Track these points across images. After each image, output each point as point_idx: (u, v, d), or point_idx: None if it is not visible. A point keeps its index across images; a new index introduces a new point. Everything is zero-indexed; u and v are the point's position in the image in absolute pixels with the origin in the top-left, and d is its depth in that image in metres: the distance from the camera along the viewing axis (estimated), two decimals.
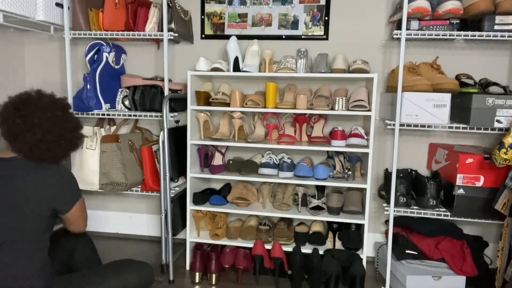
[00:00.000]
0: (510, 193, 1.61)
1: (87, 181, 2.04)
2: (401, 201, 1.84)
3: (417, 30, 1.80)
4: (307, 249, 1.91)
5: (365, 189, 1.91)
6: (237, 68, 1.97)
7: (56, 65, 2.43)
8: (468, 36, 1.73)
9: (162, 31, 1.98)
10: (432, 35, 1.74)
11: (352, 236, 1.93)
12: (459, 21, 1.79)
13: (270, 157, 2.01)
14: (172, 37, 1.98)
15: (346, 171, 1.95)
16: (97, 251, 1.59)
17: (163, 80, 2.05)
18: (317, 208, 1.98)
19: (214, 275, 1.92)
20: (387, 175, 1.95)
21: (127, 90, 2.14)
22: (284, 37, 2.18)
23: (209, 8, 2.23)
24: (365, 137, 1.88)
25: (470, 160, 1.75)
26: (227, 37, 2.08)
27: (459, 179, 1.76)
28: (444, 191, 1.88)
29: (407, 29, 1.74)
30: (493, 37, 1.71)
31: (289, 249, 1.91)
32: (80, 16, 2.01)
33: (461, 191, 1.77)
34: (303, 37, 2.16)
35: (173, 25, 1.98)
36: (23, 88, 2.44)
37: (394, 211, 1.83)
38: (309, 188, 2.17)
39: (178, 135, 2.04)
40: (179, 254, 2.22)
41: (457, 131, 2.03)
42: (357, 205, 1.93)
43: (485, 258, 1.93)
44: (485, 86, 1.80)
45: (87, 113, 2.06)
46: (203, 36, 2.25)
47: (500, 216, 1.68)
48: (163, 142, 1.89)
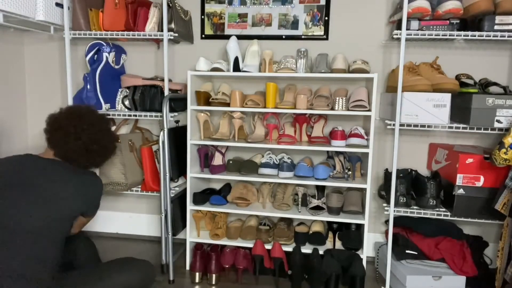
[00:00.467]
0: (510, 193, 1.61)
1: None
2: (401, 201, 1.84)
3: (417, 30, 1.80)
4: (307, 249, 1.91)
5: (365, 189, 1.91)
6: (237, 68, 1.97)
7: (56, 65, 2.43)
8: (468, 36, 1.73)
9: (162, 31, 1.98)
10: (432, 35, 1.74)
11: (352, 236, 1.93)
12: (459, 21, 1.79)
13: (270, 157, 2.01)
14: (172, 37, 1.98)
15: (346, 171, 1.95)
16: (98, 252, 1.60)
17: (163, 80, 2.05)
18: (317, 208, 1.98)
19: (214, 275, 1.92)
20: (387, 175, 1.95)
21: (127, 90, 2.14)
22: (284, 37, 2.18)
23: (209, 8, 2.23)
24: (365, 137, 1.88)
25: (470, 160, 1.75)
26: (227, 37, 2.09)
27: (459, 179, 1.76)
28: (444, 191, 1.88)
29: (407, 29, 1.74)
30: (493, 37, 1.71)
31: (289, 249, 1.91)
32: (80, 16, 2.01)
33: (461, 191, 1.77)
34: (303, 37, 2.16)
35: (173, 25, 1.98)
36: (23, 88, 2.44)
37: (394, 211, 1.83)
38: (309, 188, 2.17)
39: (178, 135, 2.04)
40: (179, 254, 2.22)
41: (457, 131, 2.03)
42: (357, 205, 1.93)
43: (485, 258, 1.93)
44: (485, 86, 1.80)
45: None
46: (203, 36, 2.25)
47: (500, 216, 1.68)
48: (163, 142, 1.89)
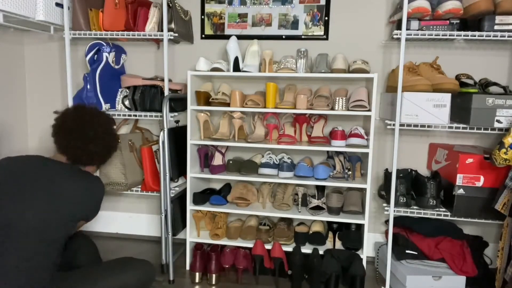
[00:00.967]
0: (510, 193, 1.61)
1: None
2: (401, 201, 1.84)
3: (417, 30, 1.80)
4: (307, 249, 1.91)
5: (365, 189, 1.91)
6: (237, 68, 1.97)
7: (56, 65, 2.43)
8: (468, 36, 1.73)
9: (162, 31, 1.98)
10: (432, 35, 1.74)
11: (352, 236, 1.93)
12: (459, 21, 1.79)
13: (270, 157, 2.01)
14: (172, 37, 1.98)
15: (346, 171, 1.95)
16: (99, 252, 1.60)
17: (163, 80, 2.05)
18: (317, 208, 1.98)
19: (214, 275, 1.92)
20: (387, 175, 1.95)
21: (127, 90, 2.14)
22: (284, 37, 2.18)
23: (209, 8, 2.23)
24: (365, 137, 1.88)
25: (470, 160, 1.75)
26: (227, 37, 2.09)
27: (459, 179, 1.76)
28: (444, 191, 1.88)
29: (407, 29, 1.74)
30: (493, 37, 1.71)
31: (289, 249, 1.91)
32: (80, 16, 2.01)
33: (461, 191, 1.77)
34: (303, 37, 2.16)
35: (173, 25, 1.98)
36: (23, 88, 2.44)
37: (394, 211, 1.83)
38: (309, 188, 2.17)
39: (178, 135, 2.04)
40: (179, 254, 2.22)
41: (457, 131, 2.03)
42: (357, 205, 1.93)
43: (485, 258, 1.93)
44: (485, 86, 1.80)
45: None
46: (203, 36, 2.25)
47: (500, 216, 1.68)
48: (163, 142, 1.89)
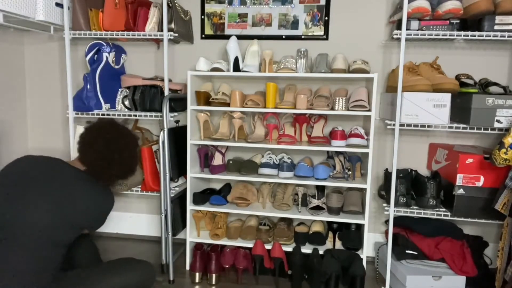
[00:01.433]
0: (510, 193, 1.61)
1: None
2: (401, 201, 1.84)
3: (417, 30, 1.80)
4: (307, 249, 1.91)
5: (365, 189, 1.91)
6: (237, 68, 1.97)
7: (56, 65, 2.43)
8: (468, 36, 1.73)
9: (162, 31, 1.98)
10: (432, 35, 1.74)
11: (352, 236, 1.93)
12: (459, 21, 1.79)
13: (270, 157, 2.01)
14: (172, 37, 1.98)
15: (346, 171, 1.95)
16: (99, 252, 1.60)
17: (163, 80, 2.05)
18: (317, 208, 1.98)
19: (214, 275, 1.92)
20: (387, 175, 1.95)
21: (127, 90, 2.14)
22: (284, 37, 2.18)
23: (209, 8, 2.23)
24: (365, 137, 1.88)
25: (470, 160, 1.75)
26: (227, 37, 2.09)
27: (459, 179, 1.76)
28: (444, 191, 1.88)
29: (407, 29, 1.74)
30: (493, 37, 1.71)
31: (289, 249, 1.91)
32: (80, 16, 2.01)
33: (461, 191, 1.77)
34: (303, 37, 2.16)
35: (173, 25, 1.98)
36: (23, 88, 2.44)
37: (394, 211, 1.83)
38: (309, 188, 2.17)
39: (178, 135, 2.04)
40: (179, 254, 2.22)
41: (457, 131, 2.03)
42: (357, 205, 1.93)
43: (485, 258, 1.93)
44: (485, 86, 1.80)
45: (87, 113, 2.06)
46: (203, 36, 2.25)
47: (500, 216, 1.68)
48: (163, 142, 1.89)
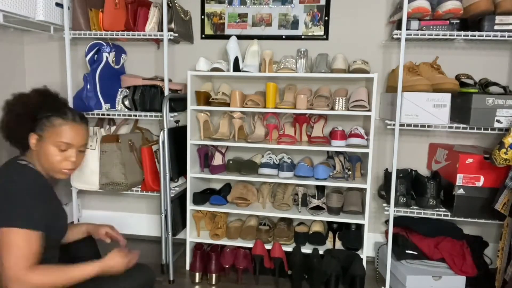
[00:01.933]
0: (510, 193, 1.61)
1: (87, 181, 2.04)
2: (401, 201, 1.84)
3: (417, 30, 1.79)
4: (307, 249, 1.91)
5: (365, 189, 1.91)
6: (237, 68, 1.97)
7: (56, 65, 2.43)
8: (468, 36, 1.73)
9: (162, 31, 1.97)
10: (432, 35, 1.74)
11: (352, 236, 1.93)
12: (459, 21, 1.79)
13: (270, 157, 2.01)
14: (172, 37, 1.98)
15: (346, 171, 1.95)
16: (100, 252, 1.59)
17: (163, 80, 2.04)
18: (317, 208, 1.97)
19: (214, 275, 1.92)
20: (387, 175, 1.95)
21: (127, 90, 2.14)
22: (284, 37, 2.18)
23: (209, 8, 2.23)
24: (365, 137, 1.88)
25: (470, 160, 1.75)
26: (227, 37, 2.08)
27: (459, 179, 1.76)
28: (444, 191, 1.88)
29: (407, 29, 1.74)
30: (493, 37, 1.71)
31: (289, 249, 1.91)
32: (80, 16, 2.01)
33: (461, 191, 1.77)
34: (303, 37, 2.16)
35: (173, 25, 1.98)
36: (23, 88, 2.44)
37: (394, 211, 1.83)
38: (309, 188, 2.17)
39: (178, 135, 2.04)
40: (179, 254, 2.22)
41: (457, 131, 2.03)
42: (357, 205, 1.93)
43: (485, 258, 1.93)
44: (485, 86, 1.80)
45: (87, 113, 2.06)
46: (203, 36, 2.25)
47: (500, 216, 1.68)
48: (163, 142, 1.89)
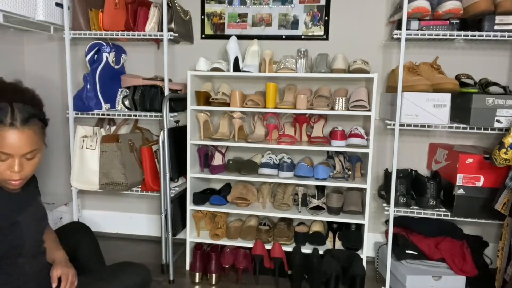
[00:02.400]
0: (510, 193, 1.61)
1: (87, 181, 2.04)
2: (401, 201, 1.84)
3: (417, 30, 1.79)
4: (307, 249, 1.91)
5: (365, 189, 1.91)
6: (237, 68, 1.96)
7: (56, 65, 2.43)
8: (468, 36, 1.73)
9: (162, 31, 1.97)
10: (432, 35, 1.74)
11: (352, 236, 1.93)
12: (459, 21, 1.79)
13: (270, 157, 2.01)
14: (172, 37, 1.98)
15: (346, 171, 1.95)
16: (100, 248, 1.58)
17: (163, 80, 2.04)
18: (317, 208, 1.97)
19: (214, 275, 1.92)
20: (387, 175, 1.95)
21: (127, 90, 2.14)
22: (284, 37, 2.18)
23: (209, 8, 2.23)
24: (365, 137, 1.88)
25: (470, 160, 1.75)
26: (227, 37, 2.08)
27: (459, 179, 1.76)
28: (444, 191, 1.88)
29: (407, 29, 1.74)
30: (493, 37, 1.71)
31: (289, 249, 1.91)
32: (80, 16, 2.01)
33: (461, 191, 1.77)
34: (303, 37, 2.16)
35: (173, 25, 1.98)
36: None
37: (394, 211, 1.83)
38: (309, 188, 2.17)
39: (178, 135, 2.04)
40: (179, 254, 2.22)
41: (457, 131, 2.03)
42: (357, 205, 1.93)
43: (485, 258, 1.93)
44: (485, 86, 1.80)
45: (87, 113, 2.06)
46: (203, 36, 2.25)
47: (500, 216, 1.68)
48: (163, 142, 1.89)
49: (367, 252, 2.23)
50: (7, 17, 1.84)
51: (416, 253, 1.88)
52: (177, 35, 1.98)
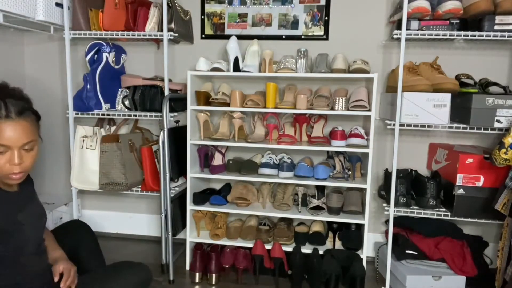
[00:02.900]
0: (510, 193, 1.61)
1: (87, 181, 2.04)
2: (401, 201, 1.84)
3: (417, 30, 1.79)
4: (307, 249, 1.91)
5: (365, 189, 1.91)
6: (237, 68, 1.96)
7: (56, 65, 2.43)
8: (468, 36, 1.73)
9: (162, 31, 1.97)
10: (432, 35, 1.74)
11: (352, 236, 1.93)
12: (459, 21, 1.79)
13: (270, 157, 2.01)
14: (172, 37, 1.98)
15: (346, 171, 1.95)
16: (100, 247, 1.58)
17: (163, 80, 2.04)
18: (317, 208, 1.97)
19: (214, 275, 1.92)
20: (387, 175, 1.95)
21: (127, 90, 2.14)
22: (284, 37, 2.18)
23: (209, 8, 2.23)
24: (365, 137, 1.88)
25: (470, 160, 1.75)
26: (227, 37, 2.08)
27: (459, 179, 1.76)
28: (444, 191, 1.88)
29: (407, 29, 1.74)
30: (493, 37, 1.71)
31: (289, 249, 1.91)
32: (80, 16, 2.01)
33: (461, 191, 1.77)
34: (303, 37, 2.16)
35: (173, 25, 1.98)
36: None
37: (394, 211, 1.83)
38: (309, 188, 2.17)
39: (178, 135, 2.04)
40: (179, 254, 2.22)
41: (457, 131, 2.03)
42: (357, 205, 1.93)
43: (485, 258, 1.93)
44: (485, 86, 1.80)
45: (87, 113, 2.06)
46: (203, 36, 2.25)
47: (500, 216, 1.68)
48: (163, 142, 1.89)
49: (367, 252, 2.23)
50: (7, 17, 1.84)
51: (416, 253, 1.88)
52: (177, 35, 1.98)
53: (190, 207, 2.03)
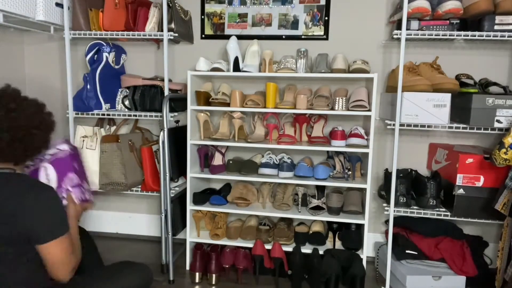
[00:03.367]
0: (510, 193, 1.61)
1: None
2: (401, 201, 1.84)
3: (417, 30, 1.80)
4: (307, 249, 1.91)
5: (365, 189, 1.91)
6: (237, 68, 1.97)
7: (56, 65, 2.43)
8: (468, 36, 1.73)
9: (162, 31, 1.98)
10: (432, 35, 1.74)
11: (352, 236, 1.93)
12: (459, 21, 1.79)
13: (270, 157, 2.01)
14: (172, 37, 1.98)
15: (346, 171, 1.95)
16: (98, 251, 1.59)
17: (163, 80, 2.05)
18: (317, 208, 1.97)
19: (214, 275, 1.92)
20: (387, 175, 1.95)
21: (127, 90, 2.14)
22: (284, 37, 2.18)
23: (209, 8, 2.23)
24: (365, 137, 1.88)
25: (470, 160, 1.75)
26: (227, 37, 2.09)
27: (459, 179, 1.76)
28: (444, 191, 1.88)
29: (407, 29, 1.74)
30: (493, 37, 1.71)
31: (289, 249, 1.91)
32: (80, 16, 2.01)
33: (461, 191, 1.77)
34: (303, 37, 2.16)
35: (173, 25, 1.98)
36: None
37: (394, 211, 1.83)
38: (309, 188, 2.17)
39: (178, 135, 2.04)
40: (179, 254, 2.22)
41: (457, 131, 2.03)
42: (357, 205, 1.93)
43: (485, 258, 1.93)
44: (485, 86, 1.80)
45: (87, 113, 2.06)
46: (203, 36, 2.25)
47: (500, 216, 1.68)
48: (163, 142, 1.89)
49: (367, 252, 2.23)
50: (7, 17, 1.84)
51: (416, 253, 1.88)
52: (177, 35, 1.98)
53: (190, 207, 2.03)
